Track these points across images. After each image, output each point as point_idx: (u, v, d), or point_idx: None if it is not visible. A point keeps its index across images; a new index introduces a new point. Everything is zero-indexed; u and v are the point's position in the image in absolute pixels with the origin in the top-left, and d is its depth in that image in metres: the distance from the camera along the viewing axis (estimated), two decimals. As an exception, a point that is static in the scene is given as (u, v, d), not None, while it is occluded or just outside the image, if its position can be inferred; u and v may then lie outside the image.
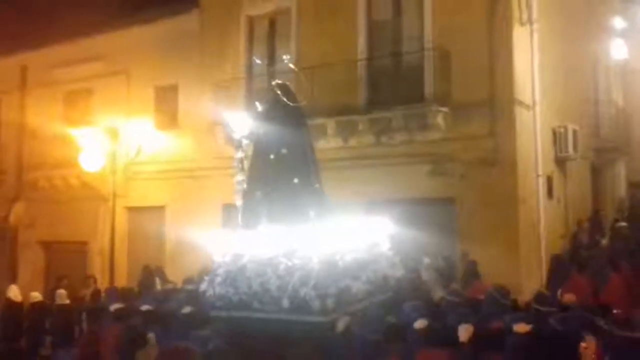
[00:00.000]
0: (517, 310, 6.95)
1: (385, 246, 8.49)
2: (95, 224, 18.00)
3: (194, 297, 8.01)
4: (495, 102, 12.61)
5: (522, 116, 12.92)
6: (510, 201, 12.35)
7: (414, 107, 13.13)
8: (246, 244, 7.48)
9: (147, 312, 8.04)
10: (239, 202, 8.41)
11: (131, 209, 17.82)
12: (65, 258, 18.55)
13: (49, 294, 13.31)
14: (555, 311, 6.24)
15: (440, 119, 12.91)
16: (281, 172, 7.95)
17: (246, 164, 8.69)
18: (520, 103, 12.86)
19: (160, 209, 16.94)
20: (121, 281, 16.25)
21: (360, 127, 13.67)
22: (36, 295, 11.05)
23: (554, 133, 14.28)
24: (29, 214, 19.20)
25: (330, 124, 13.90)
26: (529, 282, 11.86)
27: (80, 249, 18.31)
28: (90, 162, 17.21)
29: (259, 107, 8.51)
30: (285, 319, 6.75)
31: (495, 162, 12.46)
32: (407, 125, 13.26)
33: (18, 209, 19.23)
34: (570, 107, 15.16)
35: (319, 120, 13.85)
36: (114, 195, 17.29)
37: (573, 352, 5.24)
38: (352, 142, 14.00)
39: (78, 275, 16.03)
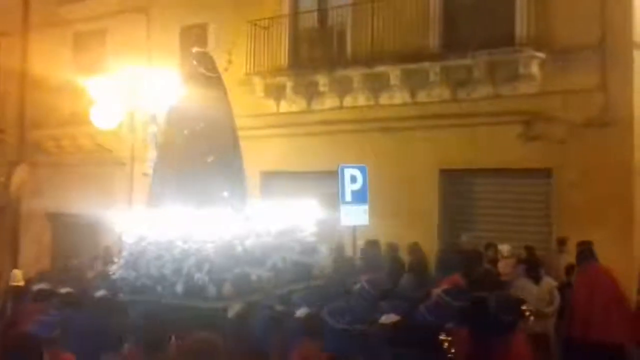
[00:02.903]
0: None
1: (305, 232, 9.17)
2: (111, 193, 17.89)
3: (111, 280, 8.93)
4: (607, 45, 12.05)
5: (643, 64, 12.25)
6: (624, 173, 11.79)
7: (501, 52, 12.67)
8: (150, 225, 8.27)
9: (66, 294, 8.73)
10: (153, 180, 9.19)
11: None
12: (75, 233, 18.56)
13: (57, 274, 13.28)
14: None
15: (535, 68, 12.45)
16: (195, 149, 8.70)
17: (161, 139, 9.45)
18: (641, 47, 12.20)
19: (187, 176, 16.67)
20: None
21: (432, 77, 13.28)
22: None
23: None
24: (33, 180, 19.30)
25: (395, 73, 13.55)
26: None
27: (93, 223, 18.24)
28: (104, 118, 17.00)
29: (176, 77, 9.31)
30: (180, 305, 7.53)
31: (606, 123, 11.88)
32: (493, 76, 12.86)
33: (20, 174, 19.31)
34: None
35: (380, 69, 13.69)
36: (133, 159, 17.10)
37: (437, 343, 5.73)
38: (422, 96, 13.67)
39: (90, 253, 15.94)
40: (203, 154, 8.75)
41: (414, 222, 12.95)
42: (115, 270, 8.55)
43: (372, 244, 12.06)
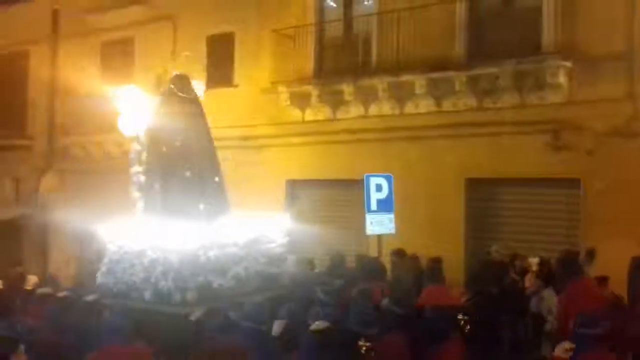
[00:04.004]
0: None
1: (274, 243, 9.91)
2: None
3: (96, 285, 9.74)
4: (635, 54, 11.85)
5: (673, 73, 12.07)
6: (652, 183, 11.62)
7: (527, 60, 12.51)
8: (127, 235, 9.28)
9: (63, 297, 9.25)
10: (135, 194, 10.10)
11: (179, 184, 17.64)
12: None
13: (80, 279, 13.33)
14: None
15: (562, 77, 12.27)
16: (173, 165, 9.60)
17: (144, 156, 10.21)
18: (671, 56, 12.02)
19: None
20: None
21: (458, 86, 13.18)
22: None
23: None
24: (61, 187, 19.39)
25: (420, 82, 13.48)
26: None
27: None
28: (131, 126, 17.09)
29: (155, 99, 10.20)
30: (149, 309, 8.46)
31: (635, 132, 11.72)
32: (519, 85, 12.72)
33: (49, 181, 19.48)
34: None
35: (405, 78, 13.61)
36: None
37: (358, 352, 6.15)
38: (448, 105, 13.56)
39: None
40: (181, 170, 9.60)
41: (440, 232, 12.92)
42: (99, 276, 9.55)
43: (399, 253, 12.00)
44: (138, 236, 9.14)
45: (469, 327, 7.34)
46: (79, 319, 8.19)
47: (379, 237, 11.82)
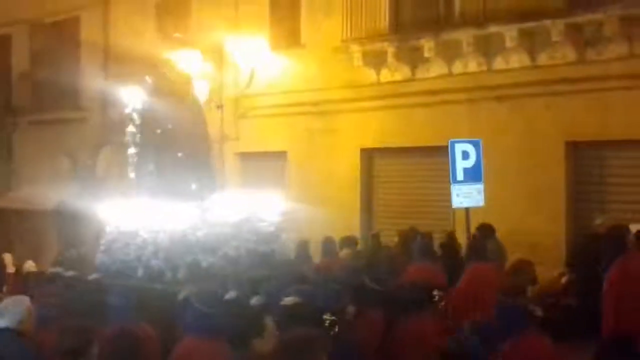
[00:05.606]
0: None
1: (266, 221, 10.73)
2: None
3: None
4: None
5: None
6: None
7: (637, 3, 11.81)
8: (122, 215, 10.42)
9: (68, 277, 10.07)
10: (131, 174, 11.20)
11: (244, 156, 17.69)
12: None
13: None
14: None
15: (679, 22, 11.65)
16: (166, 146, 10.78)
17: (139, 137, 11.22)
18: None
19: (281, 155, 16.78)
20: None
21: (555, 36, 12.60)
22: (31, 265, 12.91)
23: None
24: (119, 161, 19.54)
25: (510, 33, 13.00)
26: None
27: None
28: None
29: (148, 81, 11.38)
30: (141, 287, 9.18)
31: None
32: (626, 33, 12.08)
33: (105, 155, 19.64)
34: None
35: (494, 29, 13.24)
36: (222, 137, 17.10)
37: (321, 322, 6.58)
38: (543, 59, 13.05)
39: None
40: (173, 151, 10.76)
41: (537, 204, 12.50)
42: (98, 255, 10.57)
43: (486, 229, 11.56)
44: (132, 216, 10.24)
45: (443, 303, 7.78)
46: (80, 297, 8.66)
47: (467, 210, 11.56)
